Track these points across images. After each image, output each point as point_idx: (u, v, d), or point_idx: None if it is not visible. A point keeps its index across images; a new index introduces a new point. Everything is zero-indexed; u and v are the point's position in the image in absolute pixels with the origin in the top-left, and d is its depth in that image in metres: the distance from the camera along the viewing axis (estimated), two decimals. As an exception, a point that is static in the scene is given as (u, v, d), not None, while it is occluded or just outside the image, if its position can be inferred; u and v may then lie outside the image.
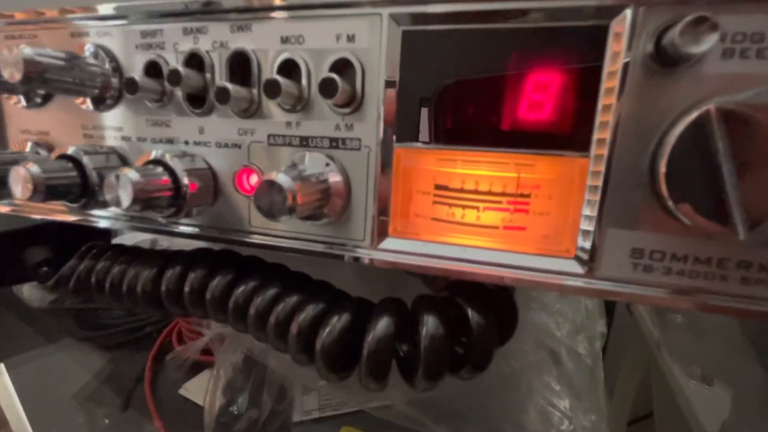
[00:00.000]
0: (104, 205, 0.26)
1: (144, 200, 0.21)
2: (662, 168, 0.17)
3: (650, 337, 0.56)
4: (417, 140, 0.21)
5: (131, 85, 0.23)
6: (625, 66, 0.18)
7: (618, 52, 0.18)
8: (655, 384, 0.53)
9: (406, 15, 0.20)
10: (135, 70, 0.25)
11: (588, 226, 0.20)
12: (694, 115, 0.17)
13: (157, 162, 0.23)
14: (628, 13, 0.17)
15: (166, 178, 0.23)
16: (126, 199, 0.20)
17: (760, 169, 0.15)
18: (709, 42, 0.15)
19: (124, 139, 0.27)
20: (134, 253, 0.31)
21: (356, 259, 0.23)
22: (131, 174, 0.20)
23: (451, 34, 0.20)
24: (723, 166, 0.16)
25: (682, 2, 0.17)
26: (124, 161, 0.27)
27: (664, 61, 0.17)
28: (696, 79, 0.17)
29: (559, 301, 0.44)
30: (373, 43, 0.21)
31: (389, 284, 0.35)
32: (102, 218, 0.28)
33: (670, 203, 0.18)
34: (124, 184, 0.20)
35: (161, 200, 0.23)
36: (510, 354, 0.40)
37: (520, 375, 0.39)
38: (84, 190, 0.25)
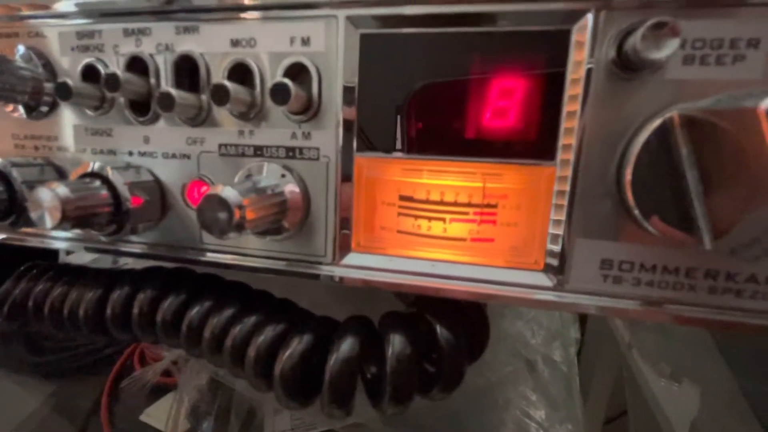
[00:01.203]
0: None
1: (76, 218, 0.19)
2: (628, 176, 0.17)
3: (622, 339, 0.57)
4: (380, 149, 0.20)
5: (64, 91, 0.21)
6: (589, 72, 0.17)
7: (581, 57, 0.17)
8: (628, 384, 0.54)
9: (364, 18, 0.19)
10: (71, 74, 0.23)
11: (556, 236, 0.19)
12: (657, 122, 0.16)
13: (95, 175, 0.21)
14: (589, 17, 0.17)
15: (104, 192, 0.21)
16: (50, 218, 0.18)
17: (725, 177, 0.15)
18: (670, 47, 0.15)
19: (61, 149, 0.25)
20: (78, 274, 0.29)
21: (317, 277, 0.22)
22: (59, 189, 0.18)
23: (412, 38, 0.19)
24: (687, 173, 0.15)
25: (643, 7, 0.16)
26: (62, 174, 0.25)
27: (627, 66, 0.17)
28: (659, 85, 0.17)
29: (534, 308, 0.44)
30: (330, 47, 0.20)
31: (364, 298, 0.33)
32: (35, 237, 0.26)
33: (636, 212, 0.17)
34: (51, 201, 0.18)
35: (99, 217, 0.21)
36: (486, 366, 0.39)
37: (496, 387, 0.38)
38: (12, 206, 0.22)
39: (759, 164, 0.13)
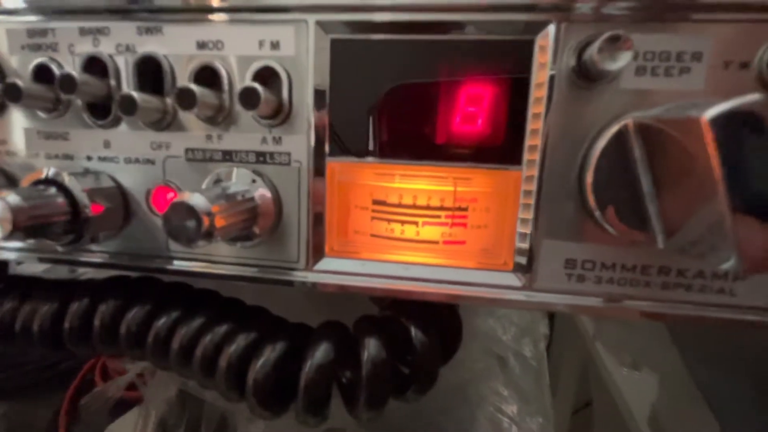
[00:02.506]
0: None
1: (29, 228, 0.18)
2: (588, 179, 0.18)
3: (586, 332, 0.60)
4: (352, 154, 0.20)
5: (13, 92, 0.19)
6: (551, 80, 0.18)
7: (544, 66, 0.18)
8: (592, 374, 0.57)
9: (334, 23, 0.19)
10: (21, 74, 0.22)
11: (523, 238, 0.20)
12: (614, 129, 0.17)
13: (50, 182, 0.20)
14: (551, 28, 0.18)
15: (60, 200, 0.20)
16: (1, 228, 0.17)
17: (674, 180, 0.16)
18: (624, 59, 0.16)
19: (10, 154, 0.23)
20: (31, 285, 0.27)
21: (290, 284, 0.21)
22: (10, 197, 0.17)
23: (382, 44, 0.19)
24: (641, 177, 0.17)
25: (600, 20, 0.17)
26: (11, 180, 0.23)
27: (586, 76, 0.17)
28: (615, 93, 0.18)
29: (505, 308, 0.45)
30: (300, 51, 0.19)
31: (339, 303, 0.33)
32: (-18, 248, 0.24)
33: (597, 213, 0.18)
34: (1, 211, 0.17)
35: (55, 226, 0.19)
36: (459, 364, 0.40)
37: (469, 384, 0.39)
38: (-46, 216, 0.21)
39: (703, 169, 0.14)
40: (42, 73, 0.22)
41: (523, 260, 0.20)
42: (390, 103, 0.20)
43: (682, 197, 0.16)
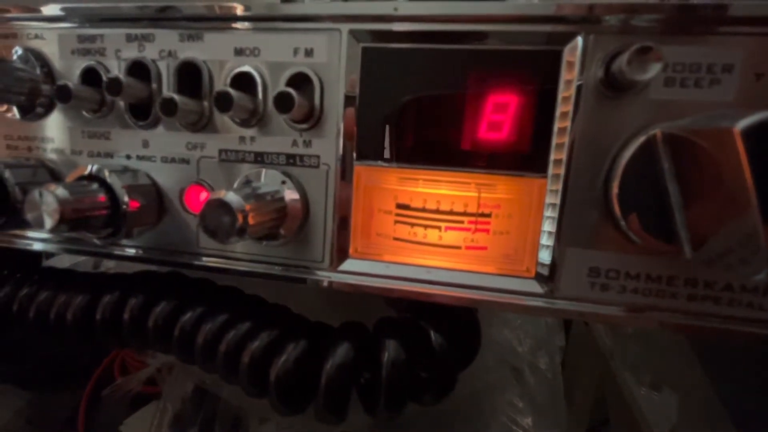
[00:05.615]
0: (29, 224, 0.24)
1: (74, 220, 0.19)
2: (615, 189, 0.18)
3: (604, 347, 0.58)
4: (379, 158, 0.21)
5: (64, 93, 0.21)
6: (579, 90, 0.18)
7: (571, 76, 0.18)
8: (610, 392, 0.55)
9: (366, 32, 0.20)
10: (71, 76, 0.23)
11: (547, 245, 0.20)
12: (642, 139, 0.17)
13: (93, 177, 0.21)
14: (579, 40, 0.18)
15: (102, 195, 0.21)
16: (50, 219, 0.18)
17: (703, 191, 0.16)
18: (653, 70, 0.16)
19: (56, 151, 0.24)
20: (65, 278, 0.28)
21: (314, 282, 0.22)
22: (59, 191, 0.18)
23: (412, 53, 0.20)
24: (669, 187, 0.17)
25: (629, 32, 0.18)
26: (55, 176, 0.24)
27: (614, 86, 0.18)
28: (643, 104, 0.18)
29: (521, 317, 0.44)
30: (332, 59, 0.20)
31: (353, 305, 0.33)
32: (27, 239, 0.25)
33: (622, 223, 0.18)
34: (50, 203, 0.18)
35: (96, 220, 0.20)
36: (473, 373, 0.39)
37: (484, 394, 0.39)
38: (3, 207, 0.22)
39: (733, 180, 0.14)
40: (88, 76, 0.23)
41: (545, 268, 0.20)
42: (417, 110, 0.20)
43: (710, 209, 0.16)
